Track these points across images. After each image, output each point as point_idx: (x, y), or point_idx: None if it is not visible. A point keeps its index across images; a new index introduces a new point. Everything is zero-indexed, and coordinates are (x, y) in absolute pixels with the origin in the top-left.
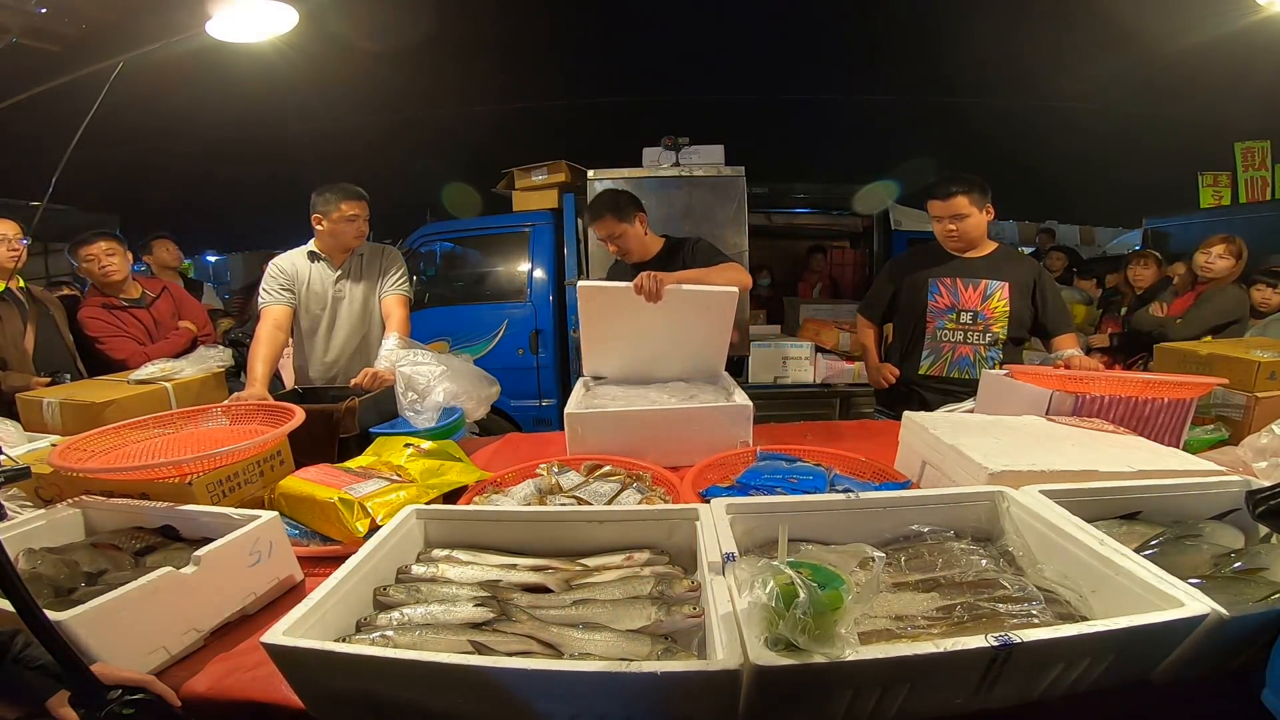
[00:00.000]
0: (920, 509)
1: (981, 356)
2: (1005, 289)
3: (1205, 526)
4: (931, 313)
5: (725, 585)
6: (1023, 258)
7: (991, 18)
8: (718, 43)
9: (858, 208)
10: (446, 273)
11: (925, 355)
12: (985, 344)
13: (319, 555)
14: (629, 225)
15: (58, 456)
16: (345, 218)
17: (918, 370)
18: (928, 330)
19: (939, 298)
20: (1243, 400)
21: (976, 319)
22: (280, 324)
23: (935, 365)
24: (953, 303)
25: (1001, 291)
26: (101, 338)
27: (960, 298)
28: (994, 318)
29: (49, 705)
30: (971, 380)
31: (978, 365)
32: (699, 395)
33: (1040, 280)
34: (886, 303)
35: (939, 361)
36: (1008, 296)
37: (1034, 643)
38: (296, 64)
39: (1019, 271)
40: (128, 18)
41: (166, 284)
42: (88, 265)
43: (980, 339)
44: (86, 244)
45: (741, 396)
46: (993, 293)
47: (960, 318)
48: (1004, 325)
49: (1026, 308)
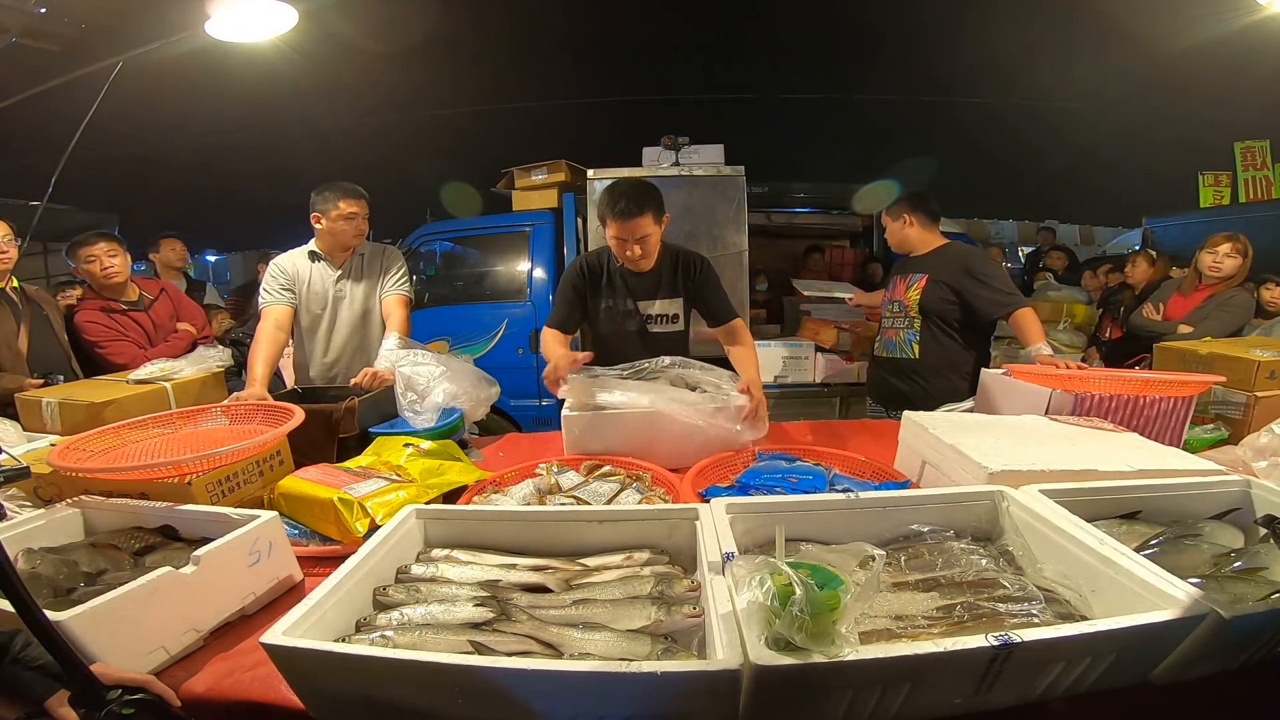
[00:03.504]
0: (920, 509)
1: (901, 339)
2: (923, 280)
3: (1205, 526)
4: (884, 304)
5: (725, 585)
6: (953, 250)
7: (991, 18)
8: (718, 42)
9: (857, 207)
10: (446, 272)
11: (878, 340)
12: (904, 327)
13: (319, 555)
14: (659, 227)
15: (57, 456)
16: (344, 216)
17: (874, 353)
18: (882, 319)
19: (889, 293)
20: (1242, 399)
21: (900, 308)
22: (281, 324)
23: (880, 347)
24: (892, 295)
25: (919, 283)
26: (101, 342)
27: (895, 290)
28: (909, 305)
29: (49, 705)
30: (892, 358)
31: (898, 346)
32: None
33: (971, 265)
34: None
35: (882, 344)
36: (922, 287)
37: (1034, 642)
38: (296, 64)
39: (943, 264)
40: (127, 17)
41: (164, 285)
42: (89, 266)
43: (901, 323)
44: (88, 244)
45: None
46: (913, 284)
47: (893, 307)
48: (915, 311)
49: (941, 295)
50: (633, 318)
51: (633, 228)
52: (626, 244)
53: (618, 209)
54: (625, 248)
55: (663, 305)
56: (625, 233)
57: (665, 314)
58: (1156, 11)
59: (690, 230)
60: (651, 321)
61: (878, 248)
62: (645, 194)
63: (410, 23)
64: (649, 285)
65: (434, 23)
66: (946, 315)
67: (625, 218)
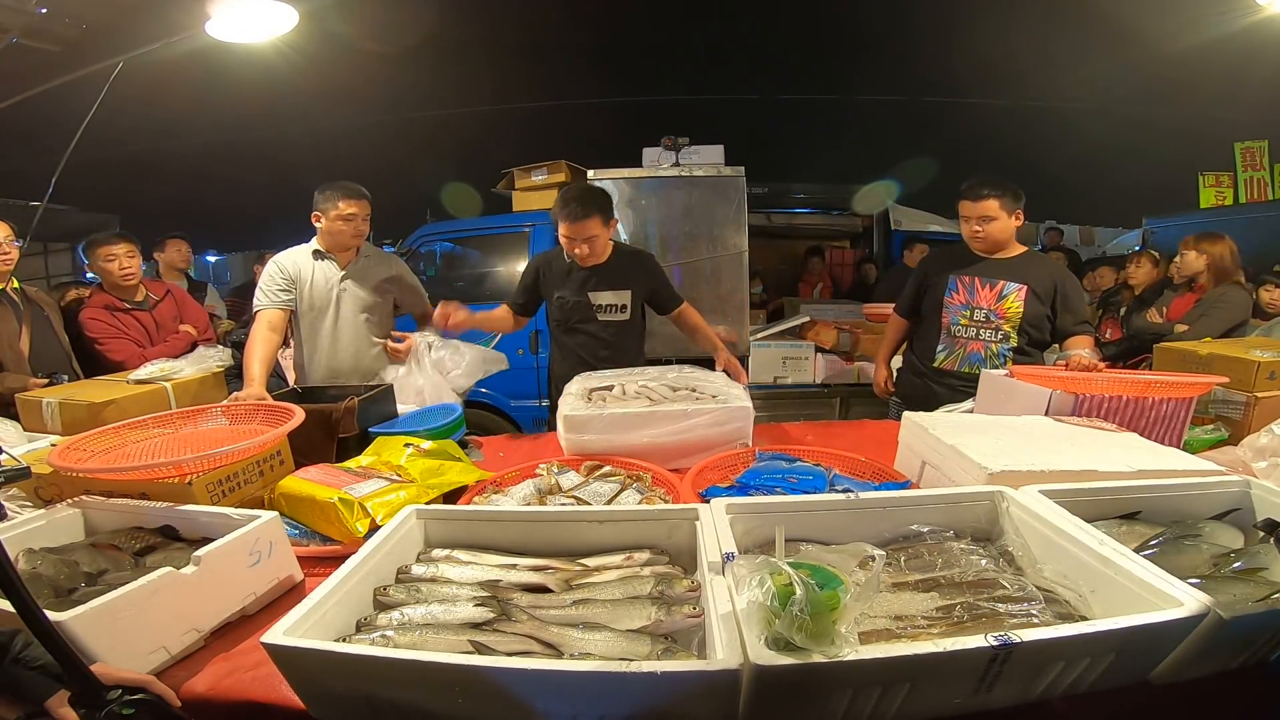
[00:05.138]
0: (920, 509)
1: (993, 353)
2: (1022, 291)
3: (1205, 526)
4: (947, 308)
5: (725, 585)
6: (1046, 262)
7: (991, 18)
8: (718, 43)
9: (857, 208)
10: (446, 273)
11: (940, 348)
12: (996, 341)
13: (319, 555)
14: (606, 229)
15: (58, 456)
16: (342, 216)
17: (933, 362)
18: (943, 324)
19: (955, 294)
20: (1242, 400)
21: (990, 318)
22: (275, 326)
23: (949, 359)
24: (968, 300)
25: (1018, 294)
26: (101, 339)
27: (975, 296)
28: (1006, 318)
29: (49, 705)
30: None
31: (988, 362)
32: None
33: (1063, 285)
34: (913, 298)
35: (952, 355)
36: (1023, 299)
37: (1034, 642)
38: (296, 64)
39: (1041, 275)
40: (127, 18)
41: (170, 287)
42: (108, 265)
43: (992, 336)
44: (109, 244)
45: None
46: (1009, 294)
47: (974, 315)
48: (1014, 326)
49: (1043, 312)
50: (585, 308)
51: (580, 228)
52: (575, 242)
53: (567, 211)
54: (574, 246)
55: (610, 296)
56: (574, 233)
57: (614, 304)
58: (1157, 12)
59: (690, 231)
60: (600, 310)
61: (877, 248)
62: (593, 199)
63: (410, 24)
64: (597, 278)
65: (434, 24)
66: (1040, 331)
67: (573, 219)
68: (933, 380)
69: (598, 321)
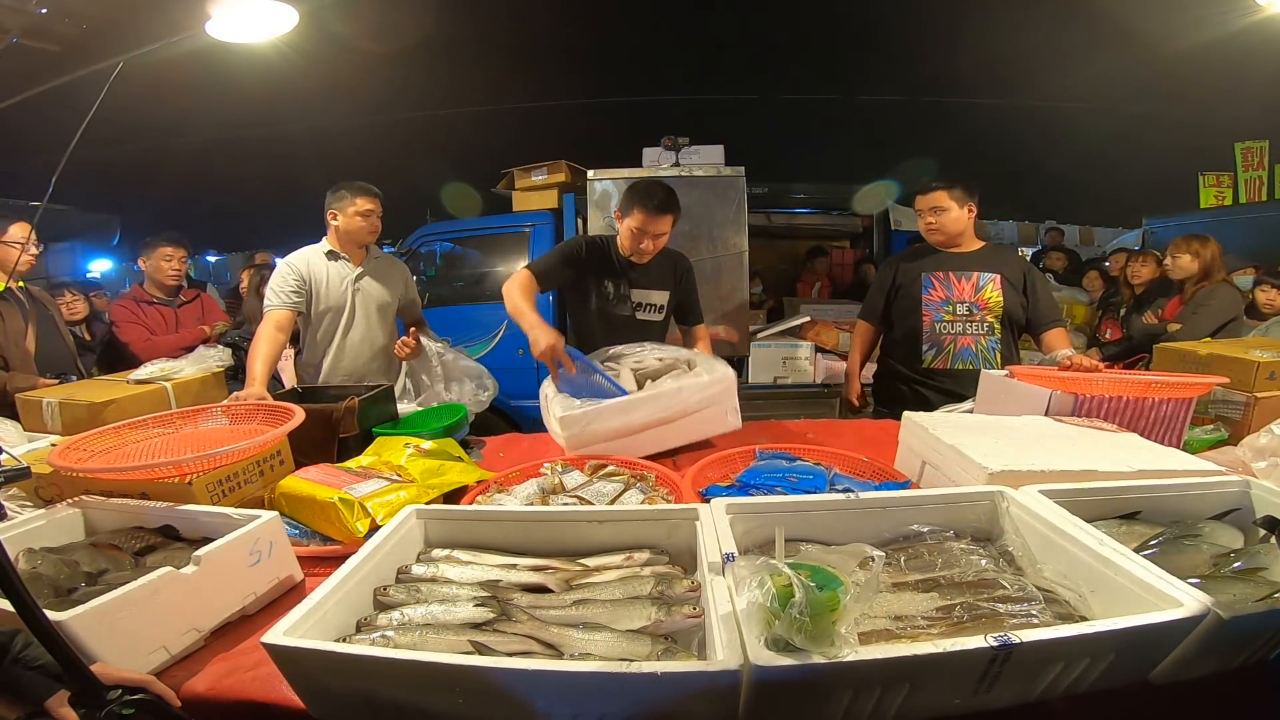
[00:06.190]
0: (920, 509)
1: (983, 347)
2: (997, 280)
3: (1204, 526)
4: (927, 306)
5: (725, 585)
6: (1012, 252)
7: (991, 18)
8: (718, 43)
9: (857, 208)
10: (446, 273)
11: (927, 349)
12: (983, 334)
13: (319, 555)
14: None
15: (58, 456)
16: (360, 213)
17: (921, 364)
18: (925, 324)
19: (932, 291)
20: (1242, 400)
21: (972, 310)
22: (282, 326)
23: (939, 358)
24: (946, 295)
25: (994, 283)
26: (119, 323)
27: (953, 290)
28: (988, 308)
29: (49, 705)
30: (968, 370)
31: (980, 356)
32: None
33: (1030, 274)
34: (883, 303)
35: (942, 354)
36: (1000, 288)
37: (1034, 643)
38: (296, 64)
39: (1009, 265)
40: (127, 18)
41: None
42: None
43: (978, 329)
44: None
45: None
46: (985, 284)
47: (956, 309)
48: (998, 316)
49: (1018, 300)
50: (625, 303)
51: (658, 222)
52: (645, 235)
53: (653, 203)
54: (641, 239)
55: (653, 295)
56: (650, 226)
57: (653, 304)
58: (1157, 12)
59: (690, 231)
60: (640, 309)
61: (877, 249)
62: (674, 196)
63: (410, 24)
64: (645, 276)
65: (434, 24)
66: (1018, 321)
67: (658, 212)
68: (922, 384)
69: (635, 320)
